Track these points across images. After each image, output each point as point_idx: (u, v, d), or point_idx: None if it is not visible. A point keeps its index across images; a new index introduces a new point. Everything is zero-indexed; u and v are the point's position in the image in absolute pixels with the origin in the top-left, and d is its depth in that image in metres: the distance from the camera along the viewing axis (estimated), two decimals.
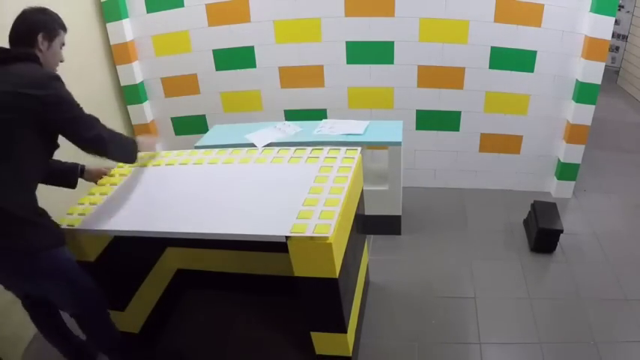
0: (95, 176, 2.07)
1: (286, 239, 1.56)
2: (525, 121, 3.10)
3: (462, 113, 3.15)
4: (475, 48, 2.91)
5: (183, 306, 2.48)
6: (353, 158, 1.99)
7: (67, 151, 1.75)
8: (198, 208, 1.77)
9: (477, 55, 2.93)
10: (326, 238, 1.53)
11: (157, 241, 2.25)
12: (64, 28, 1.70)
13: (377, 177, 2.80)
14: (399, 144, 2.57)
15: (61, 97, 1.57)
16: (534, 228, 2.69)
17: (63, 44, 1.72)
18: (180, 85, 3.40)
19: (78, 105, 1.63)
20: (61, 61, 1.73)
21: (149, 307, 2.26)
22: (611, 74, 5.51)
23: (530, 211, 2.86)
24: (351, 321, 1.91)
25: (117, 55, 3.27)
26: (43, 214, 1.66)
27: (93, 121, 1.68)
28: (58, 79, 1.58)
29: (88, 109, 1.65)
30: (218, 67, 3.29)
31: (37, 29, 1.60)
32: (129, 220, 1.76)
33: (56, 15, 1.68)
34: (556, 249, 2.69)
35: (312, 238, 1.54)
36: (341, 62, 3.11)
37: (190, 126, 3.54)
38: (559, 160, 3.17)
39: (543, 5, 2.72)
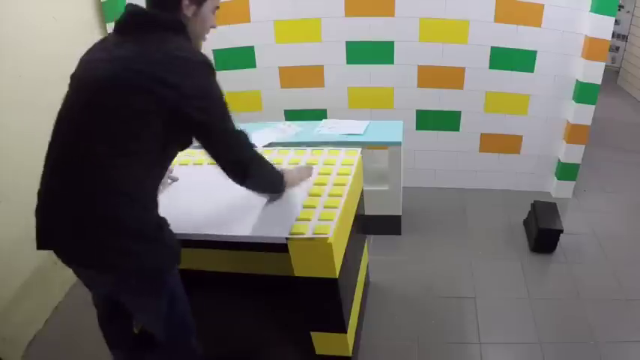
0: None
1: (286, 240, 1.56)
2: (525, 121, 3.10)
3: (462, 113, 3.15)
4: (475, 48, 2.91)
5: None
6: (353, 159, 1.99)
7: None
8: (197, 209, 1.76)
9: (477, 55, 2.93)
10: (326, 238, 1.53)
11: None
12: None
13: (377, 177, 2.80)
14: (399, 144, 2.57)
15: (204, 92, 1.27)
16: (534, 228, 2.69)
17: (217, 7, 1.36)
18: None
19: (224, 106, 1.32)
20: (213, 27, 1.38)
21: None
22: (611, 74, 5.51)
23: (530, 211, 2.86)
24: (351, 321, 1.91)
25: None
26: (164, 226, 1.37)
27: (238, 132, 1.38)
28: (208, 66, 1.28)
29: None
30: (218, 67, 3.20)
31: None
32: None
33: None
34: (556, 249, 2.69)
35: (312, 238, 1.54)
36: (341, 62, 3.11)
37: None
38: (559, 160, 3.17)
39: (543, 5, 2.72)
